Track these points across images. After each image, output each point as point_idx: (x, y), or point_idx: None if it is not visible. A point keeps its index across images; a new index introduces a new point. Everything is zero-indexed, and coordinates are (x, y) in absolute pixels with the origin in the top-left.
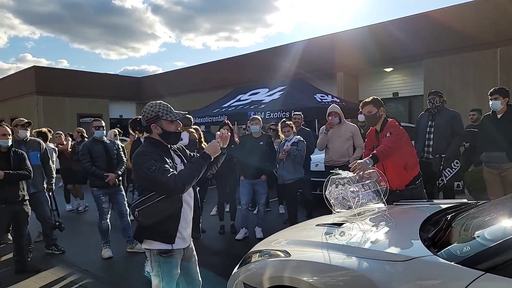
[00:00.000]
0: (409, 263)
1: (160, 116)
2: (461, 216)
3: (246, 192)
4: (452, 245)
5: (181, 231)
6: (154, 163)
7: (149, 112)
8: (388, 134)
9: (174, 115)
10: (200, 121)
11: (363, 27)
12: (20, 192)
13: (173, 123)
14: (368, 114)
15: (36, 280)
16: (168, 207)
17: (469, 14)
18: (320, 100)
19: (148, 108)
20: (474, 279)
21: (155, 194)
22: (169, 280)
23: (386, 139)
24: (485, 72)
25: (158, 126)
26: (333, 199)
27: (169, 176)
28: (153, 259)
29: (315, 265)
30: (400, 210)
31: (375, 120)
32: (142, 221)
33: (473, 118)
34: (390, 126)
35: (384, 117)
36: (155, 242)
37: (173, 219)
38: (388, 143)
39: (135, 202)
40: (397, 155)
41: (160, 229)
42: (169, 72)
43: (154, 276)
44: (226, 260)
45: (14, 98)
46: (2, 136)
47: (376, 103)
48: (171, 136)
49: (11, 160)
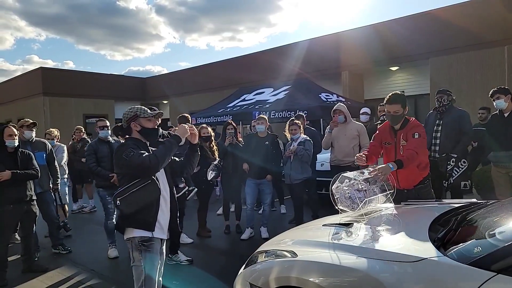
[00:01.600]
0: (419, 264)
1: (138, 115)
2: (470, 216)
3: (251, 192)
4: (463, 246)
5: (159, 221)
6: (132, 150)
7: (129, 113)
8: (417, 135)
9: (151, 113)
10: (205, 121)
11: (368, 25)
12: (28, 192)
13: (150, 121)
14: (394, 113)
15: (43, 280)
16: (148, 194)
17: (476, 12)
18: (325, 99)
19: (128, 110)
20: (485, 281)
21: (136, 183)
22: (151, 268)
23: (413, 142)
24: (492, 71)
25: (137, 124)
26: (339, 195)
27: (144, 156)
28: (134, 249)
29: (323, 265)
30: (408, 210)
31: (398, 120)
32: (124, 210)
33: (481, 117)
34: (415, 126)
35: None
36: (136, 230)
37: (152, 207)
38: (416, 148)
39: (117, 192)
40: None
41: (140, 217)
42: (174, 72)
43: (135, 266)
44: (231, 260)
45: (21, 99)
46: (8, 137)
47: (404, 103)
48: (150, 133)
49: (18, 160)
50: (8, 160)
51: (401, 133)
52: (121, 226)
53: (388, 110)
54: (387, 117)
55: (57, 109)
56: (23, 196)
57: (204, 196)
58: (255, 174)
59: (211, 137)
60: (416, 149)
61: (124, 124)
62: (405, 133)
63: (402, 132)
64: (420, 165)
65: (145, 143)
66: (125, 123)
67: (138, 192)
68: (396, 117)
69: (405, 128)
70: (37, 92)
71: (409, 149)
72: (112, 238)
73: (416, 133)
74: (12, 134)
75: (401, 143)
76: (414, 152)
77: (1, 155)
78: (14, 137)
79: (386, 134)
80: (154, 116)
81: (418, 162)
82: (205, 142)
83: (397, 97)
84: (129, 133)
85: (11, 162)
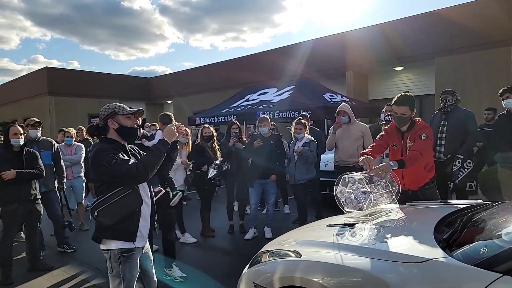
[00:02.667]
0: (424, 265)
1: (116, 112)
2: (476, 217)
3: (255, 192)
4: (468, 247)
5: (141, 230)
6: (114, 156)
7: (106, 110)
8: (424, 136)
9: (130, 110)
10: (209, 121)
11: (373, 25)
12: (32, 191)
13: (129, 119)
14: (401, 115)
15: (48, 278)
16: (129, 204)
17: (481, 12)
18: (330, 99)
19: (105, 107)
20: (491, 282)
21: (116, 193)
22: (130, 279)
23: (420, 143)
24: (498, 71)
25: (115, 121)
26: (344, 198)
27: (131, 165)
28: (113, 260)
29: (327, 266)
30: (413, 211)
31: (405, 122)
32: (103, 222)
33: (488, 118)
34: (423, 127)
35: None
36: (116, 241)
37: (134, 217)
38: (421, 149)
39: (94, 203)
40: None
41: (121, 228)
42: (178, 72)
43: (113, 277)
44: (235, 259)
45: (27, 98)
46: (13, 136)
47: (412, 105)
48: (129, 132)
49: (24, 159)
50: (14, 159)
51: (408, 135)
52: (98, 237)
53: (395, 112)
54: (394, 118)
55: (62, 108)
56: (28, 195)
57: (206, 196)
58: (259, 174)
59: (213, 137)
60: (422, 151)
61: (100, 122)
62: (412, 135)
63: (410, 134)
64: (427, 166)
65: (123, 145)
66: (102, 121)
67: (118, 202)
68: (403, 119)
69: (412, 130)
70: (42, 91)
71: (414, 150)
72: None
73: (424, 134)
74: (17, 133)
75: (407, 145)
76: (418, 153)
77: (7, 154)
78: (19, 136)
79: (393, 135)
80: (133, 114)
81: (425, 163)
82: (207, 142)
83: (406, 99)
84: (105, 132)
85: (16, 161)
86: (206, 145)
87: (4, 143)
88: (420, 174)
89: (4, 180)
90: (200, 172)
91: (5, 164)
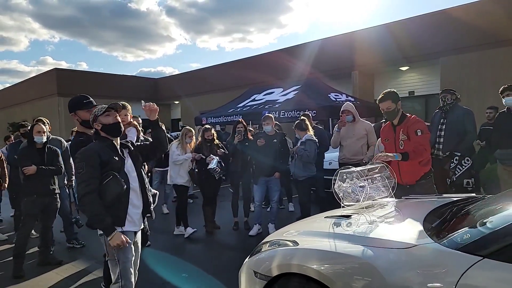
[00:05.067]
0: (411, 250)
1: (97, 115)
2: (465, 208)
3: (259, 189)
4: (454, 234)
5: (131, 215)
6: (83, 166)
7: (92, 117)
8: (420, 132)
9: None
10: (215, 120)
11: (379, 25)
12: (51, 186)
13: (109, 115)
14: (387, 110)
15: (58, 272)
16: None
17: (485, 11)
18: (335, 99)
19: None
20: (472, 264)
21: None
22: (125, 261)
23: (419, 139)
24: (503, 70)
25: (98, 123)
26: (342, 192)
27: (85, 190)
28: (107, 244)
29: (322, 253)
30: (407, 203)
31: (393, 115)
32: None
33: (489, 116)
34: (417, 122)
35: (401, 111)
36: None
37: (122, 203)
38: (424, 144)
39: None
40: None
41: (110, 213)
42: (185, 73)
43: (110, 261)
44: (239, 255)
45: (36, 99)
46: (37, 133)
47: (394, 98)
48: (111, 128)
49: (45, 156)
50: (36, 155)
51: (400, 128)
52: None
53: (381, 108)
54: (384, 114)
55: None
56: (47, 189)
57: (208, 192)
58: (263, 171)
59: (213, 139)
60: (426, 146)
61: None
62: (405, 128)
63: (402, 127)
64: (422, 161)
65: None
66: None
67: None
68: (389, 112)
69: (403, 123)
70: (51, 92)
71: (417, 144)
72: None
73: (419, 130)
74: (40, 130)
75: (400, 138)
76: (423, 148)
77: (30, 150)
78: (42, 134)
79: (386, 132)
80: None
81: (426, 158)
82: (207, 143)
83: (386, 94)
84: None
85: (38, 157)
86: (205, 146)
87: (28, 140)
88: (415, 168)
89: (26, 174)
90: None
91: (27, 160)
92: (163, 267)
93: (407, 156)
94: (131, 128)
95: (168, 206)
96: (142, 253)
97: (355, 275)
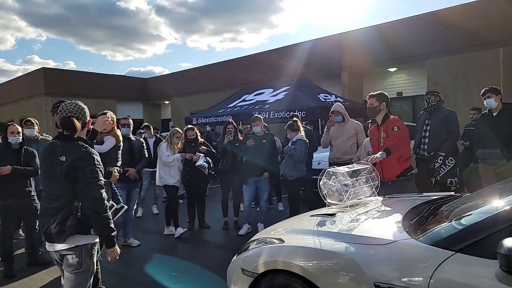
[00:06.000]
0: (389, 246)
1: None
2: (443, 206)
3: (249, 189)
4: (430, 230)
5: None
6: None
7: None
8: (396, 128)
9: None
10: (206, 121)
11: (367, 27)
12: (27, 187)
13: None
14: (369, 106)
15: (47, 272)
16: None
17: (472, 14)
18: (324, 99)
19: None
20: (446, 258)
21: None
22: (92, 272)
23: (394, 133)
24: (488, 71)
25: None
26: (327, 190)
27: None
28: (84, 255)
29: (306, 250)
30: (389, 202)
31: (374, 113)
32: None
33: (473, 117)
34: (394, 121)
35: (386, 112)
36: (87, 236)
37: None
38: (397, 137)
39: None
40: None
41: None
42: (175, 73)
43: (81, 272)
44: (229, 254)
45: (23, 99)
46: (10, 134)
47: (379, 97)
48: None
49: (21, 157)
50: (12, 156)
51: (381, 127)
52: (62, 235)
53: (368, 104)
54: (367, 111)
55: None
56: (23, 191)
57: (192, 191)
58: (252, 171)
59: (197, 138)
60: (399, 138)
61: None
62: (385, 127)
63: (383, 126)
64: (401, 157)
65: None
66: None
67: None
68: (370, 109)
69: (385, 123)
70: (39, 92)
71: (392, 137)
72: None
73: (395, 126)
74: (14, 131)
75: (381, 136)
76: (397, 141)
77: (6, 151)
78: (16, 134)
79: (372, 131)
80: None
81: (399, 155)
82: (191, 143)
83: (374, 93)
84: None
85: (14, 158)
86: (189, 146)
87: (3, 141)
88: (394, 164)
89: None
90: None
91: (2, 160)
92: (153, 266)
93: (389, 151)
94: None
95: (158, 206)
96: (132, 253)
97: (338, 270)
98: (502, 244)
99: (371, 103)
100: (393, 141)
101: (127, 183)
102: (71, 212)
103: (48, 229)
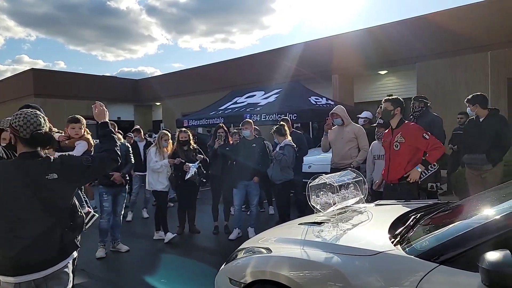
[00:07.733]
0: (376, 257)
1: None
2: (428, 216)
3: (239, 193)
4: (415, 241)
5: None
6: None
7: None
8: (427, 135)
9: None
10: (197, 123)
11: (359, 30)
12: None
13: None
14: (384, 109)
15: None
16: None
17: (461, 18)
18: (315, 102)
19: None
20: (429, 270)
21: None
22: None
23: (431, 140)
24: (476, 75)
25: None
26: (314, 200)
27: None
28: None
29: (294, 260)
30: (376, 209)
31: (388, 116)
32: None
33: (460, 121)
34: (418, 128)
35: (400, 117)
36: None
37: None
38: (436, 142)
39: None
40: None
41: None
42: (167, 74)
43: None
44: (219, 259)
45: (12, 100)
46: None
47: (394, 102)
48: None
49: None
50: None
51: (397, 131)
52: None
53: (383, 107)
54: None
55: (49, 110)
56: None
57: (183, 197)
58: (242, 175)
59: (189, 142)
60: (438, 143)
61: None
62: (403, 132)
63: (399, 130)
64: (411, 161)
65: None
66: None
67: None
68: (385, 112)
69: (401, 127)
70: (28, 93)
71: (438, 147)
72: (102, 237)
73: (424, 133)
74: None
75: (396, 139)
76: (440, 144)
77: None
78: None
79: (386, 135)
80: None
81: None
82: (183, 146)
83: (389, 98)
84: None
85: None
86: (181, 149)
87: None
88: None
89: None
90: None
91: None
92: (142, 273)
93: (427, 162)
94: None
95: (149, 210)
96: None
97: (324, 281)
98: (484, 258)
99: (386, 107)
100: (435, 146)
101: (112, 188)
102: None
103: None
